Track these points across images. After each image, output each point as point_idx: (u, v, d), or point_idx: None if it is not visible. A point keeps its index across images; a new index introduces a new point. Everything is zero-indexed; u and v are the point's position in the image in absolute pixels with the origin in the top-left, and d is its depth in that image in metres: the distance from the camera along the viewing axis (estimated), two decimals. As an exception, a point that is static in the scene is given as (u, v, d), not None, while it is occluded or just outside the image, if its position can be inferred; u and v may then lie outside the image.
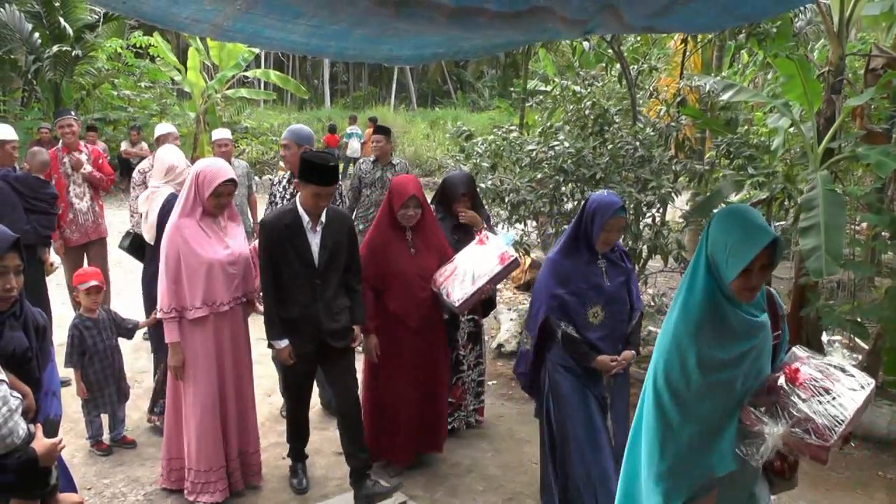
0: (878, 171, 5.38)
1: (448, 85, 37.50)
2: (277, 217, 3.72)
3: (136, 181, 6.26)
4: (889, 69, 5.90)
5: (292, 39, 2.17)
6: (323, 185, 3.52)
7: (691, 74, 6.86)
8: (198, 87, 16.08)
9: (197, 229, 3.67)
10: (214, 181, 3.63)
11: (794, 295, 6.08)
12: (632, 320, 3.63)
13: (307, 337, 3.78)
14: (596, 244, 3.46)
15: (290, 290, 3.71)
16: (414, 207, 4.05)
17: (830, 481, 4.52)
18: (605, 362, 3.46)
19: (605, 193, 3.54)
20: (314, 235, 3.70)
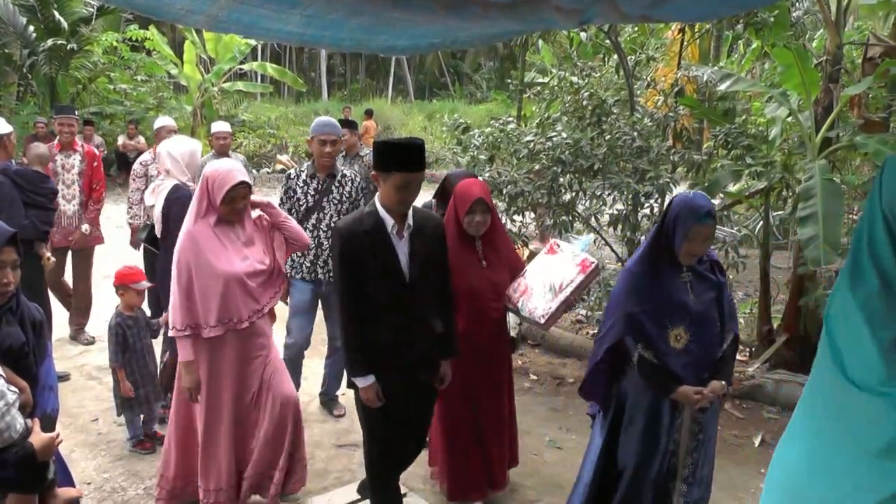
0: (876, 160, 5.38)
1: (445, 77, 37.40)
2: (355, 221, 3.01)
3: (138, 172, 6.18)
4: (886, 58, 5.89)
5: (288, 30, 2.15)
6: (411, 171, 2.87)
7: (689, 64, 6.84)
8: (194, 80, 16.05)
9: (211, 238, 3.29)
10: (225, 185, 3.25)
11: (792, 284, 6.09)
12: (724, 345, 3.07)
13: (397, 370, 3.07)
14: (679, 255, 2.96)
15: (374, 311, 3.01)
16: (482, 213, 3.55)
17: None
18: (688, 394, 2.92)
19: (690, 194, 3.00)
20: (401, 242, 3.02)
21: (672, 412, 3.01)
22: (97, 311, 6.91)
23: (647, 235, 3.23)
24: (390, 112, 24.41)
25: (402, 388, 3.08)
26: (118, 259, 9.08)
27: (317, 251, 4.55)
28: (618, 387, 3.17)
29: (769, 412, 5.33)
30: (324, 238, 4.53)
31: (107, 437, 4.60)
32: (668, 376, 2.95)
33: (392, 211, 2.97)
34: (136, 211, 6.23)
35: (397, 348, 3.04)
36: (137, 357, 4.28)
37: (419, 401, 3.24)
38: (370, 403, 3.04)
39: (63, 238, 6.11)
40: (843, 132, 5.65)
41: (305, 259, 4.59)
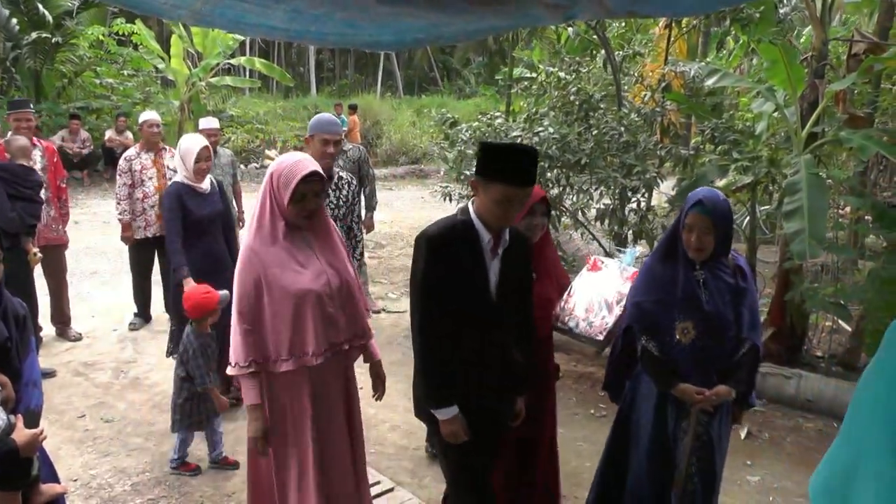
0: (860, 155, 5.42)
1: (434, 72, 37.38)
2: (447, 229, 2.60)
3: (123, 168, 6.21)
4: (870, 54, 5.93)
5: (272, 25, 2.15)
6: (518, 185, 2.43)
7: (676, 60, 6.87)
8: (181, 74, 15.94)
9: (277, 250, 2.72)
10: (292, 179, 2.67)
11: (778, 278, 6.13)
12: (738, 351, 2.94)
13: (478, 405, 2.69)
14: (686, 248, 2.89)
15: (452, 333, 2.63)
16: (542, 215, 3.19)
17: (813, 461, 4.52)
18: (689, 392, 2.85)
19: (704, 188, 2.98)
20: (494, 260, 2.63)
21: (677, 412, 2.96)
22: (84, 308, 6.91)
23: (665, 231, 3.22)
24: (379, 107, 24.34)
25: (476, 420, 2.69)
26: (105, 255, 9.14)
27: None
28: (629, 383, 3.15)
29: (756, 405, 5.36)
30: None
31: (94, 434, 4.57)
32: (669, 370, 2.91)
33: (489, 224, 2.57)
34: (124, 206, 6.21)
35: (472, 375, 2.66)
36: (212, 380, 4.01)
37: (487, 436, 2.80)
38: (454, 439, 2.62)
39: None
40: (829, 127, 5.70)
41: None
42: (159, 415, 4.83)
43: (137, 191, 6.20)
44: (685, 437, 2.96)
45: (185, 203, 4.52)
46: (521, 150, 2.49)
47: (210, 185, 4.72)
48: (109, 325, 6.64)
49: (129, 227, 6.25)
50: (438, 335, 2.60)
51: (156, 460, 4.25)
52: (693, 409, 2.90)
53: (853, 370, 5.97)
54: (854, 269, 7.60)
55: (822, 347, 6.45)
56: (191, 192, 4.56)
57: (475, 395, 2.66)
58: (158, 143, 6.37)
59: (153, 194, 6.22)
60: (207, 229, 4.63)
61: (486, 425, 2.73)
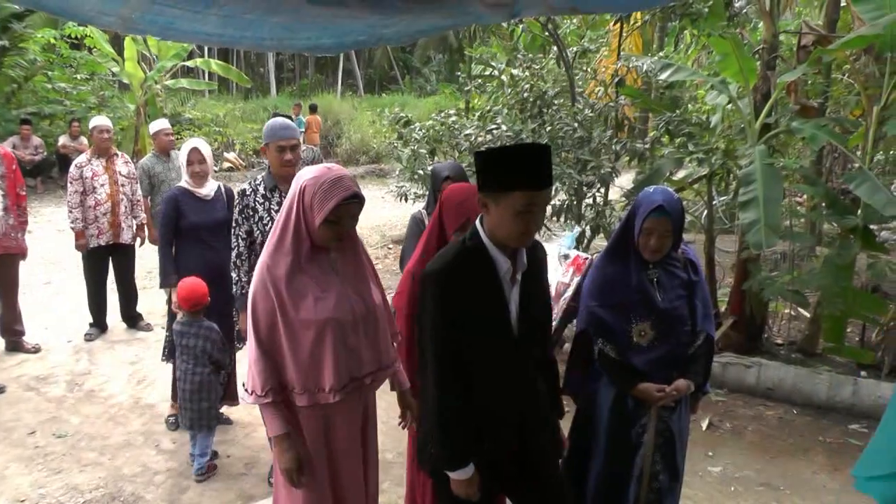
0: (811, 144, 5.51)
1: (395, 71, 37.22)
2: (454, 263, 2.24)
3: (74, 175, 6.08)
4: (818, 45, 6.01)
5: (206, 31, 2.08)
6: (540, 188, 2.14)
7: (629, 55, 6.90)
8: (136, 78, 15.63)
9: (297, 271, 2.43)
10: (329, 200, 2.35)
11: (737, 268, 6.20)
12: (694, 344, 2.96)
13: (499, 454, 2.42)
14: (640, 250, 2.86)
15: (473, 379, 2.32)
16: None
17: (774, 448, 4.64)
18: (649, 391, 2.82)
19: (651, 189, 2.91)
20: (513, 289, 2.31)
21: (637, 409, 2.93)
22: (37, 319, 6.73)
23: (614, 230, 3.10)
24: (339, 107, 24.17)
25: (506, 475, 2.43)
26: (59, 264, 8.92)
27: None
28: (588, 382, 3.09)
29: (716, 394, 5.41)
30: None
31: (45, 451, 4.44)
32: (628, 371, 2.88)
33: (506, 247, 2.24)
34: (76, 214, 6.10)
35: (498, 425, 2.37)
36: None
37: (533, 482, 2.50)
38: (465, 496, 2.34)
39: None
40: (782, 118, 5.77)
41: None
42: (114, 427, 4.73)
43: (89, 198, 6.09)
44: (646, 434, 2.96)
45: (181, 207, 4.44)
46: (535, 147, 2.18)
47: (216, 192, 4.58)
48: (63, 337, 6.48)
49: (83, 234, 6.15)
50: (456, 388, 2.26)
51: (110, 475, 4.15)
52: (654, 406, 2.90)
53: (812, 356, 6.07)
54: (812, 256, 7.72)
55: (783, 335, 6.54)
56: (189, 197, 4.48)
57: (496, 442, 2.38)
58: (110, 148, 6.25)
59: (105, 201, 6.12)
60: (202, 237, 4.46)
61: (498, 473, 2.44)
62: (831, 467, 4.41)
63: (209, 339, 3.99)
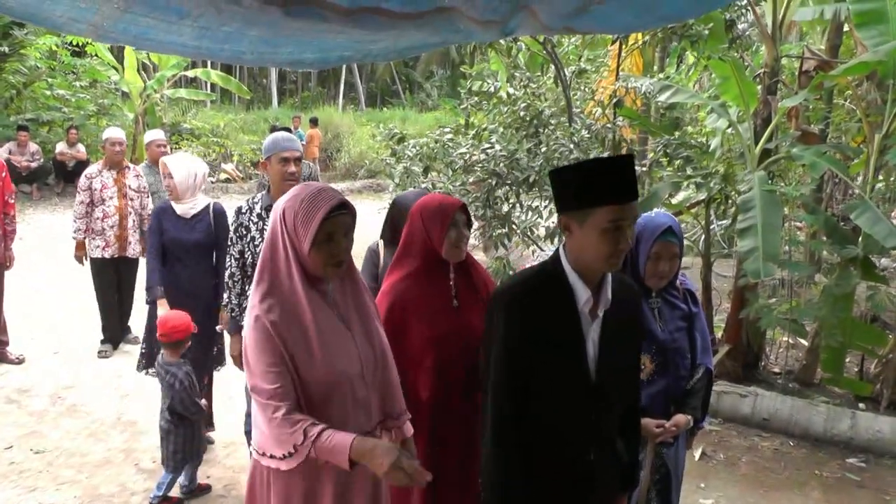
0: (812, 172, 5.43)
1: (397, 85, 37.33)
2: (530, 287, 2.02)
3: (82, 186, 6.04)
4: (820, 71, 5.96)
5: (182, 42, 2.00)
6: (628, 202, 1.90)
7: (628, 75, 6.85)
8: (136, 86, 15.62)
9: (297, 321, 2.07)
10: (314, 215, 2.03)
11: (734, 296, 6.11)
12: (693, 377, 2.85)
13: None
14: (645, 278, 2.72)
15: (542, 430, 2.04)
16: (465, 225, 2.77)
17: (768, 482, 4.53)
18: (648, 427, 2.64)
19: (652, 213, 2.80)
20: (593, 325, 2.03)
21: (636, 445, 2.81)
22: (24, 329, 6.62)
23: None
24: (340, 120, 24.17)
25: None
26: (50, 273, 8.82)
27: None
28: None
29: (711, 424, 5.30)
30: None
31: (20, 467, 4.31)
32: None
33: (589, 275, 1.99)
34: (79, 225, 6.03)
35: (569, 484, 2.08)
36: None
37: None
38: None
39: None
40: (782, 143, 5.70)
41: None
42: (95, 444, 4.62)
43: (97, 210, 6.03)
44: (643, 470, 2.83)
45: (163, 222, 4.37)
46: (617, 158, 1.96)
47: (200, 211, 4.44)
48: (50, 348, 6.37)
49: (83, 246, 6.07)
50: (521, 438, 1.99)
51: (87, 493, 4.02)
52: (651, 442, 2.77)
53: (809, 386, 5.97)
54: (811, 284, 7.63)
55: (780, 364, 6.44)
56: (171, 214, 4.40)
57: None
58: (122, 161, 6.19)
59: (113, 214, 6.06)
60: (182, 256, 4.38)
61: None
62: (827, 503, 4.30)
63: (172, 389, 3.68)
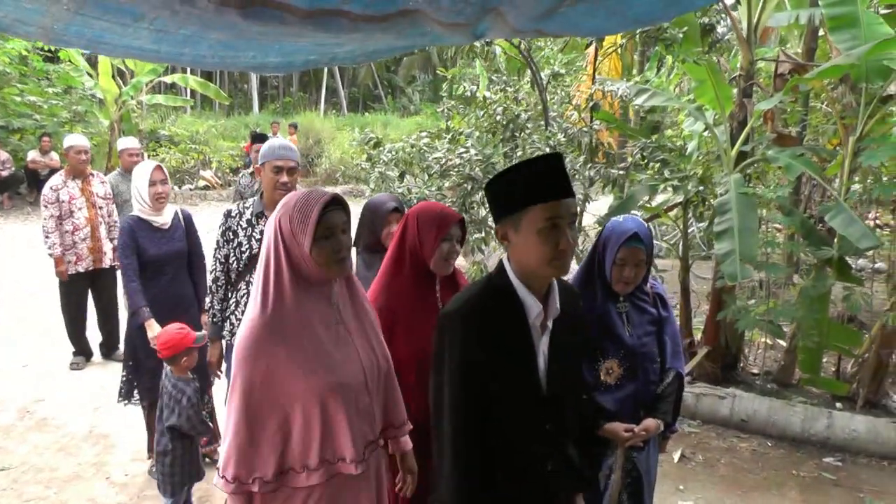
0: (787, 174, 5.45)
1: (379, 89, 37.28)
2: (480, 303, 1.95)
3: (49, 199, 5.80)
4: (795, 74, 5.99)
5: (140, 46, 1.94)
6: (562, 197, 1.85)
7: (604, 79, 6.85)
8: (111, 93, 15.40)
9: (297, 330, 2.02)
10: (311, 210, 2.01)
11: (711, 298, 6.11)
12: (664, 382, 2.84)
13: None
14: (612, 282, 2.72)
15: (500, 441, 1.99)
16: (458, 240, 2.73)
17: (747, 483, 4.53)
18: (617, 431, 2.66)
19: (621, 218, 2.77)
20: (543, 337, 2.00)
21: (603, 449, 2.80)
22: None
23: (581, 262, 2.95)
24: (322, 125, 24.08)
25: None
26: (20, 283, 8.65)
27: None
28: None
29: (689, 426, 5.30)
30: None
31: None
32: (595, 411, 2.71)
33: (536, 284, 1.94)
34: (53, 239, 5.81)
35: (527, 495, 2.04)
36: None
37: None
38: None
39: None
40: (758, 146, 5.72)
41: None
42: (65, 458, 4.52)
43: (66, 222, 5.84)
44: (613, 474, 2.83)
45: (139, 240, 4.06)
46: (546, 157, 1.91)
47: (173, 219, 4.25)
48: (19, 360, 6.24)
49: (62, 261, 5.87)
50: (478, 444, 1.94)
51: (54, 510, 3.95)
52: (621, 447, 2.76)
53: (787, 387, 5.98)
54: (790, 284, 7.66)
55: (758, 364, 6.46)
56: (145, 228, 4.10)
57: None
58: (86, 169, 6.00)
59: (84, 226, 5.88)
60: (165, 269, 4.16)
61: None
62: (804, 503, 4.30)
63: (180, 405, 3.46)
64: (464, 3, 1.79)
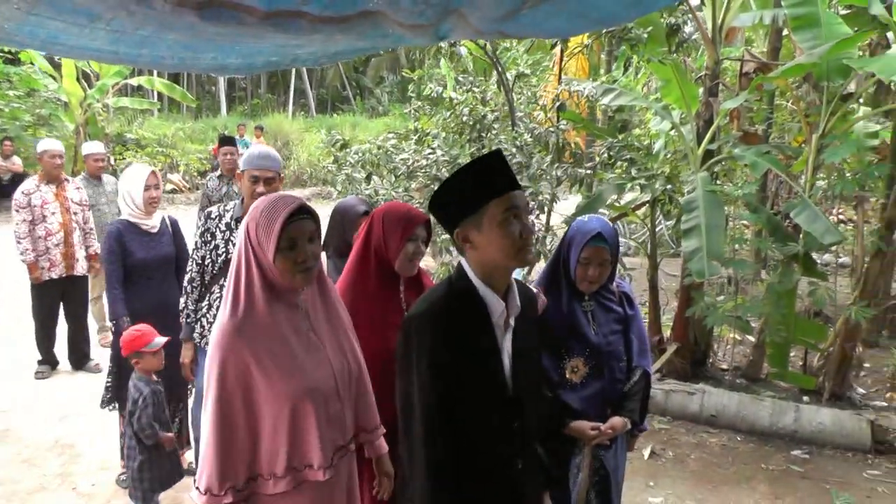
0: (753, 172, 5.52)
1: (347, 91, 37.11)
2: (443, 305, 1.96)
3: (20, 203, 5.68)
4: (760, 73, 6.07)
5: (97, 47, 1.91)
6: (507, 190, 1.90)
7: (570, 79, 6.89)
8: (75, 95, 15.13)
9: (266, 335, 2.02)
10: (274, 220, 1.99)
11: (680, 294, 6.17)
12: (630, 381, 2.85)
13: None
14: (576, 281, 2.74)
15: (469, 442, 1.98)
16: (423, 241, 2.74)
17: (717, 477, 4.58)
18: (583, 429, 2.68)
19: (586, 218, 2.80)
20: (506, 335, 2.02)
21: (570, 447, 2.80)
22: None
23: (547, 262, 2.96)
24: (290, 127, 23.92)
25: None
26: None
27: None
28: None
29: (659, 422, 5.34)
30: None
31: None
32: (561, 409, 2.71)
33: (498, 283, 1.97)
34: (25, 245, 5.69)
35: (497, 494, 2.04)
36: (164, 429, 3.55)
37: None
38: None
39: None
40: (724, 144, 5.79)
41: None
42: (28, 470, 4.43)
43: (39, 228, 5.72)
44: (580, 472, 2.83)
45: (126, 244, 4.04)
46: (488, 156, 1.97)
47: (161, 224, 4.23)
48: (-19, 371, 6.11)
49: (36, 266, 5.74)
50: (448, 447, 1.93)
51: (17, 523, 3.86)
52: (588, 445, 2.76)
53: (756, 381, 6.06)
54: (758, 280, 7.76)
55: (728, 360, 6.53)
56: (134, 232, 4.09)
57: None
58: (61, 174, 5.89)
59: (57, 231, 5.77)
60: (153, 274, 4.12)
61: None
62: (773, 496, 4.36)
63: (135, 405, 3.46)
64: (425, 4, 1.78)
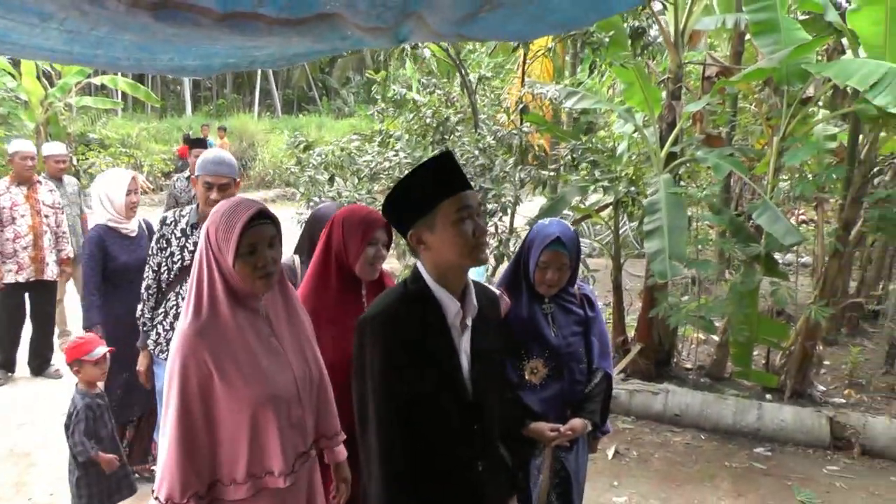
0: (716, 174, 5.60)
1: (313, 91, 36.91)
2: (398, 308, 1.95)
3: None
4: (722, 77, 6.16)
5: (51, 47, 1.87)
6: (466, 188, 1.94)
7: (533, 82, 6.93)
8: (35, 94, 14.76)
9: (227, 341, 2.01)
10: (233, 226, 1.98)
11: (644, 295, 6.23)
12: (591, 382, 2.86)
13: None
14: (535, 284, 2.75)
15: (428, 445, 1.97)
16: (384, 245, 2.72)
17: (680, 476, 4.63)
18: (542, 431, 2.68)
19: (546, 222, 2.82)
20: (464, 336, 2.02)
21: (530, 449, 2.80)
22: None
23: (508, 264, 2.97)
24: (255, 128, 23.70)
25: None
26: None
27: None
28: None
29: (623, 422, 5.39)
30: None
31: None
32: (520, 411, 2.71)
33: (454, 284, 1.96)
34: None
35: (459, 498, 2.03)
36: (105, 448, 3.40)
37: None
38: None
39: None
40: (687, 147, 5.87)
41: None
42: (-15, 478, 4.33)
43: (7, 230, 5.57)
44: (541, 474, 2.83)
45: (108, 248, 4.02)
46: (438, 157, 1.98)
47: (139, 229, 4.20)
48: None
49: (1, 269, 5.59)
50: (404, 451, 1.91)
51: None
52: (548, 446, 2.77)
53: (720, 380, 6.15)
54: (722, 280, 7.87)
55: (692, 360, 6.61)
56: (115, 236, 4.07)
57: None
58: (32, 176, 5.72)
59: (26, 234, 5.62)
60: (133, 277, 3.96)
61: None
62: (735, 493, 4.42)
63: (69, 418, 3.37)
64: (383, 7, 1.77)
